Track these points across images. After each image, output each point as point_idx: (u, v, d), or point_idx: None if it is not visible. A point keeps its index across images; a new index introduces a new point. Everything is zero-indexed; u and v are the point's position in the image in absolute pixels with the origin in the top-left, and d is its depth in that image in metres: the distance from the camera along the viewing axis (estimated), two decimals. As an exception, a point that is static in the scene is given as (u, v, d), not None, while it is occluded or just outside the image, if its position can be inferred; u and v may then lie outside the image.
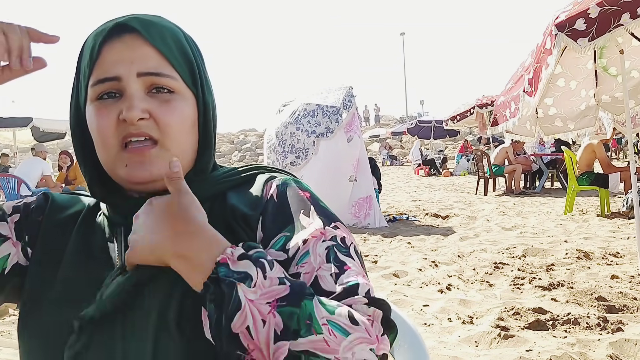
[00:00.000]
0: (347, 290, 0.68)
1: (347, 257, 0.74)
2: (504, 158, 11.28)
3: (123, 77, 0.76)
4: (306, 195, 0.82)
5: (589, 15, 3.47)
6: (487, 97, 12.55)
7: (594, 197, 9.04)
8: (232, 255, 0.65)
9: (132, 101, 0.75)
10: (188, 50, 0.82)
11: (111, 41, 0.77)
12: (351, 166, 7.05)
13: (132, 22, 0.78)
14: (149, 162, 0.77)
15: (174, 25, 0.83)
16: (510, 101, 4.64)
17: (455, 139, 27.82)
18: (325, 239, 0.75)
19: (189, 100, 0.81)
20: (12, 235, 0.84)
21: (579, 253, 4.68)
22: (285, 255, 0.75)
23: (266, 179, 0.85)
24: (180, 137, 0.79)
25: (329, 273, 0.71)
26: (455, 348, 2.69)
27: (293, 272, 0.73)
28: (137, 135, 0.76)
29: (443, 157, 20.89)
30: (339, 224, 0.79)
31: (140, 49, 0.77)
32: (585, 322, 2.92)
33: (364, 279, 0.71)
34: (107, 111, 0.76)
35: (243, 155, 32.29)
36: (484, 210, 8.31)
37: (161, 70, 0.77)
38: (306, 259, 0.73)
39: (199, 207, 0.71)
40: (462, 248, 5.23)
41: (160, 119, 0.77)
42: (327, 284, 0.70)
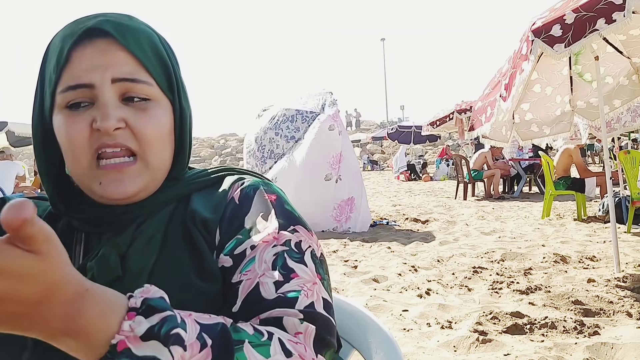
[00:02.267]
0: (283, 301, 0.65)
1: (298, 263, 0.70)
2: (482, 163, 11.39)
3: (96, 84, 0.71)
4: (271, 198, 0.79)
5: (565, 22, 3.51)
6: (466, 102, 12.67)
7: (571, 202, 9.16)
8: (132, 334, 0.49)
9: (107, 109, 0.71)
10: (164, 55, 0.78)
11: (82, 45, 0.72)
12: (327, 164, 6.86)
13: (105, 25, 0.73)
14: (126, 179, 0.73)
15: (148, 28, 0.79)
16: (486, 106, 4.68)
17: (435, 144, 28.04)
18: (277, 244, 0.71)
19: (165, 107, 0.77)
20: None
21: (556, 257, 4.73)
22: (231, 262, 0.72)
23: (233, 182, 0.83)
24: (158, 147, 0.75)
25: (272, 280, 0.67)
26: (434, 353, 2.69)
27: (236, 280, 0.70)
28: (113, 147, 0.72)
29: (423, 162, 21.02)
30: (300, 227, 0.75)
31: (114, 54, 0.72)
32: (562, 326, 2.94)
33: (312, 288, 0.68)
34: (79, 120, 0.72)
35: (224, 160, 32.12)
36: (463, 215, 8.36)
37: (137, 76, 0.73)
38: (250, 266, 0.70)
39: (67, 259, 0.49)
40: (441, 253, 5.25)
41: (137, 128, 0.73)
42: (267, 292, 0.67)
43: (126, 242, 0.75)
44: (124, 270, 0.72)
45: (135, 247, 0.74)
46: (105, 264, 0.72)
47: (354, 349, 1.00)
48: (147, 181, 0.76)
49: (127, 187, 0.73)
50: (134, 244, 0.75)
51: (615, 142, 8.35)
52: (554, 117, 5.63)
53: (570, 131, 5.77)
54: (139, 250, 0.74)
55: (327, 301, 0.69)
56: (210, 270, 0.73)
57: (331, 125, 6.88)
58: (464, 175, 11.37)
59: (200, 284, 0.72)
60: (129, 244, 0.75)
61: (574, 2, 3.60)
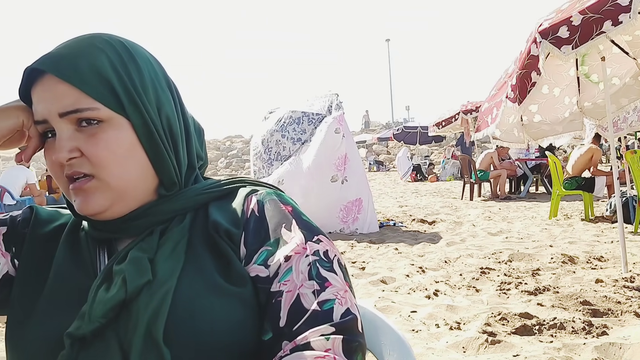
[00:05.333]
0: (320, 316, 0.71)
1: (329, 272, 0.76)
2: (489, 163, 11.38)
3: (48, 119, 0.77)
4: (288, 209, 0.82)
5: (572, 23, 3.53)
6: (472, 103, 12.67)
7: (578, 202, 9.14)
8: None
9: (59, 143, 0.76)
10: (109, 74, 0.78)
11: (35, 83, 0.78)
12: (333, 165, 6.86)
13: (43, 64, 0.77)
14: (90, 197, 0.78)
15: (97, 47, 0.79)
16: (492, 107, 4.69)
17: (441, 145, 28.01)
18: (308, 254, 0.76)
19: (120, 124, 0.78)
20: (0, 246, 0.85)
21: (564, 257, 4.73)
22: (267, 272, 0.76)
23: (247, 193, 0.85)
24: (114, 165, 0.78)
25: (311, 290, 0.73)
26: (443, 354, 2.71)
27: (276, 290, 0.74)
28: (73, 175, 0.77)
29: (429, 162, 20.99)
30: (322, 236, 0.80)
31: (55, 89, 0.76)
32: (570, 327, 2.95)
33: (344, 296, 0.74)
34: (50, 152, 0.79)
35: (229, 162, 32.19)
36: (470, 216, 8.36)
37: (79, 105, 0.76)
38: (289, 276, 0.75)
39: None
40: (448, 253, 5.26)
41: (89, 153, 0.77)
42: (308, 302, 0.72)
43: (153, 247, 0.78)
44: (153, 274, 0.75)
45: (162, 253, 0.77)
46: (138, 267, 0.74)
47: (367, 350, 1.02)
48: (113, 197, 0.79)
49: (91, 204, 0.78)
50: (161, 249, 0.78)
51: (622, 141, 8.33)
52: (562, 118, 5.63)
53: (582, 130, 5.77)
54: (167, 256, 0.77)
55: (356, 305, 0.75)
56: (238, 274, 0.77)
57: (337, 129, 6.90)
58: (470, 176, 11.37)
59: (229, 287, 0.75)
60: (155, 251, 0.78)
61: (580, 4, 3.61)
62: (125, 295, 0.72)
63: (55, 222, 0.89)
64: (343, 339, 0.69)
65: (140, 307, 0.71)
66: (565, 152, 19.30)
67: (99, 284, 0.75)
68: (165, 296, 0.72)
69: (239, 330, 0.73)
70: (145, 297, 0.72)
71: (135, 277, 0.73)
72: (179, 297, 0.73)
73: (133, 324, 0.71)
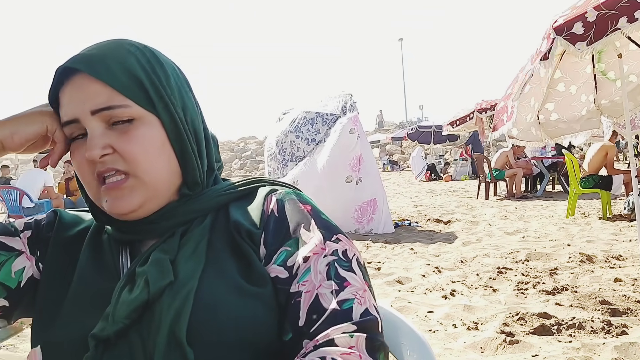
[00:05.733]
0: (339, 315, 0.71)
1: (348, 271, 0.76)
2: (504, 162, 11.29)
3: (80, 118, 0.78)
4: (307, 208, 0.83)
5: (586, 19, 3.49)
6: (487, 101, 12.59)
7: (596, 200, 9.05)
8: None
9: (92, 140, 0.77)
10: (139, 73, 0.80)
11: (64, 84, 0.80)
12: (348, 166, 6.87)
13: (76, 63, 0.79)
14: (125, 196, 0.79)
15: (126, 49, 0.82)
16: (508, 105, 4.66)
17: (455, 144, 27.87)
18: (326, 254, 0.76)
19: (151, 122, 0.80)
20: (26, 250, 0.86)
21: (582, 257, 4.69)
22: (286, 273, 0.77)
23: (267, 193, 0.86)
24: (148, 162, 0.79)
25: (329, 290, 0.73)
26: (460, 354, 2.70)
27: (295, 290, 0.75)
28: (106, 172, 0.78)
29: (445, 161, 20.87)
30: (341, 235, 0.80)
31: (88, 87, 0.78)
32: (589, 326, 2.92)
33: (363, 295, 0.73)
34: (79, 152, 0.80)
35: (243, 163, 32.31)
36: (485, 215, 8.31)
37: (112, 103, 0.77)
38: (307, 277, 0.75)
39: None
40: (464, 253, 5.23)
41: (122, 150, 0.78)
42: (327, 301, 0.72)
43: (174, 248, 0.79)
44: (175, 275, 0.75)
45: (183, 254, 0.78)
46: (160, 269, 0.76)
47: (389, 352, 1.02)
48: (147, 195, 0.80)
49: (127, 202, 0.79)
50: (182, 250, 0.79)
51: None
52: (579, 116, 5.57)
53: (600, 128, 5.71)
54: (188, 257, 0.78)
55: (375, 306, 0.75)
56: (258, 274, 0.77)
57: (352, 129, 6.90)
58: (485, 175, 11.30)
59: (250, 288, 0.76)
60: (176, 251, 0.79)
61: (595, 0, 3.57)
62: (147, 296, 0.73)
63: (78, 225, 0.91)
64: (366, 337, 0.69)
65: (163, 308, 0.72)
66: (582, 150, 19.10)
67: (122, 285, 0.76)
68: (187, 296, 0.72)
69: (260, 330, 0.74)
70: (168, 298, 0.73)
71: (158, 279, 0.74)
72: (200, 298, 0.73)
73: (156, 324, 0.72)
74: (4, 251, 0.84)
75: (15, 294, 0.83)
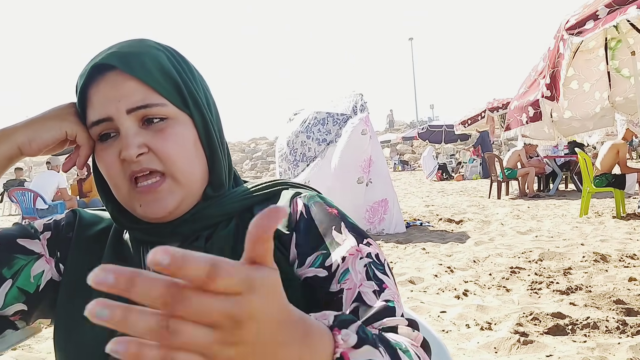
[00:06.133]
0: (389, 310, 0.70)
1: (383, 275, 0.76)
2: (516, 161, 11.22)
3: (114, 116, 0.76)
4: (334, 211, 0.83)
5: (597, 17, 3.48)
6: (498, 100, 12.53)
7: (609, 199, 8.97)
8: (346, 345, 0.52)
9: (127, 139, 0.75)
10: (172, 72, 0.80)
11: (96, 82, 0.77)
12: (359, 167, 6.87)
13: (110, 59, 0.77)
14: (162, 198, 0.78)
15: (155, 48, 0.81)
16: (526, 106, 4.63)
17: (466, 143, 27.75)
18: (362, 256, 0.76)
19: (184, 122, 0.80)
20: (45, 252, 0.86)
21: (595, 256, 4.65)
22: (325, 272, 0.76)
23: (292, 196, 0.86)
24: (183, 161, 0.78)
25: (371, 290, 0.73)
26: (474, 355, 2.69)
27: (336, 289, 0.75)
28: (141, 172, 0.76)
29: (456, 161, 20.79)
30: (370, 240, 0.81)
31: (123, 85, 0.76)
32: (604, 326, 2.90)
33: (398, 300, 0.74)
34: (109, 152, 0.78)
35: (254, 164, 32.37)
36: (497, 214, 8.27)
37: (148, 101, 0.76)
38: (347, 276, 0.75)
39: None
40: (477, 253, 5.21)
41: (158, 149, 0.77)
42: (371, 300, 0.71)
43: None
44: None
45: None
46: None
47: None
48: (182, 195, 0.79)
49: (164, 204, 0.77)
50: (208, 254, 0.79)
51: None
52: (593, 113, 5.53)
53: (614, 125, 5.66)
54: None
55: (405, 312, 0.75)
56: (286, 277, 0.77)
57: (364, 130, 6.90)
58: (497, 174, 11.24)
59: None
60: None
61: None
62: None
63: (98, 224, 0.90)
64: (423, 336, 0.68)
65: None
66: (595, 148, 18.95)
67: None
68: None
69: None
70: None
71: None
72: None
73: None
74: (23, 255, 0.84)
75: (34, 298, 0.83)
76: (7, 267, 0.81)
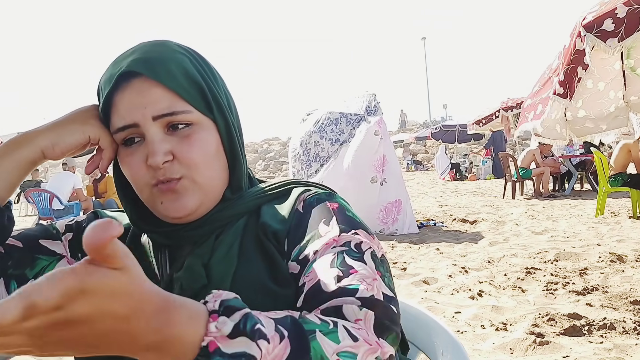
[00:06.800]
0: (344, 292, 0.65)
1: (356, 261, 0.71)
2: (530, 161, 11.14)
3: (140, 123, 0.77)
4: (333, 206, 0.82)
5: (616, 15, 3.44)
6: (513, 99, 12.43)
7: (626, 199, 8.87)
8: (220, 333, 0.49)
9: (154, 146, 0.76)
10: (197, 77, 0.80)
11: (121, 88, 0.78)
12: (372, 167, 6.88)
13: (136, 66, 0.77)
14: (183, 197, 0.78)
15: (179, 52, 0.81)
16: (537, 104, 4.60)
17: (480, 143, 27.59)
18: (336, 246, 0.73)
19: (208, 127, 0.81)
20: (67, 253, 0.87)
21: (612, 256, 4.60)
22: (298, 267, 0.76)
23: (299, 193, 0.86)
24: (206, 167, 0.79)
25: (332, 276, 0.68)
26: (490, 355, 2.67)
27: (301, 283, 0.73)
28: (165, 180, 0.77)
29: (470, 161, 20.67)
30: (361, 230, 0.77)
31: (149, 92, 0.76)
32: (621, 327, 2.87)
33: (372, 283, 0.67)
34: (135, 157, 0.79)
35: (267, 164, 32.43)
36: (512, 214, 8.21)
37: (174, 108, 0.77)
38: (311, 268, 0.72)
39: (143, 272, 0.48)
40: (491, 253, 5.18)
41: (184, 156, 0.78)
42: (326, 286, 0.67)
43: (207, 253, 0.80)
44: (209, 279, 0.77)
45: (216, 257, 0.80)
46: (192, 274, 0.77)
47: (420, 351, 1.03)
48: (201, 197, 0.80)
49: (184, 203, 0.78)
50: (215, 254, 0.80)
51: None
52: (607, 113, 5.47)
53: (628, 126, 5.59)
54: (220, 260, 0.79)
55: (387, 295, 0.68)
56: (284, 276, 0.78)
57: (377, 131, 6.91)
58: (511, 174, 11.16)
59: (277, 289, 0.77)
60: (210, 255, 0.80)
61: (625, -5, 3.51)
62: None
63: None
64: (375, 314, 0.62)
65: None
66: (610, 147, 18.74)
67: None
68: None
69: None
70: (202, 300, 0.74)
71: (191, 283, 0.76)
72: None
73: None
74: (46, 255, 0.85)
75: None
76: (29, 267, 0.83)
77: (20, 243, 0.83)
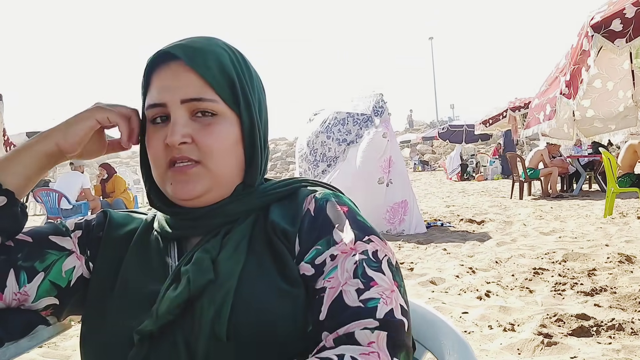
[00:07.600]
0: (363, 311, 0.70)
1: (376, 272, 0.75)
2: (538, 161, 11.09)
3: (168, 103, 0.81)
4: (343, 209, 0.84)
5: (625, 16, 3.42)
6: (520, 99, 12.37)
7: (634, 199, 8.82)
8: None
9: (175, 127, 0.80)
10: (231, 72, 0.84)
11: (160, 68, 0.83)
12: (379, 167, 6.91)
13: (176, 50, 0.82)
14: (191, 181, 0.82)
15: (221, 47, 0.86)
16: (545, 104, 4.58)
17: (487, 143, 27.50)
18: (355, 254, 0.76)
19: (232, 120, 0.84)
20: (76, 249, 0.89)
21: (620, 257, 4.57)
22: (312, 270, 0.78)
23: (307, 193, 0.88)
24: (221, 157, 0.83)
25: (354, 288, 0.72)
26: (497, 356, 2.67)
27: (320, 287, 0.75)
28: (180, 159, 0.81)
29: (477, 161, 20.61)
30: (374, 237, 0.80)
31: (183, 76, 0.82)
32: (630, 328, 2.86)
33: (390, 296, 0.72)
34: (157, 135, 0.83)
35: (274, 164, 32.47)
36: (520, 215, 8.18)
37: (203, 95, 0.81)
38: (333, 274, 0.75)
39: None
40: (499, 254, 5.16)
41: (201, 142, 0.81)
42: (350, 299, 0.72)
43: (216, 248, 0.82)
44: (216, 274, 0.78)
45: (225, 253, 0.81)
46: (200, 268, 0.78)
47: (427, 350, 1.02)
48: (211, 184, 0.83)
49: (192, 187, 0.82)
50: (224, 250, 0.81)
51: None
52: (616, 113, 5.45)
53: (637, 125, 5.56)
54: (228, 256, 0.80)
55: (403, 307, 0.73)
56: (292, 274, 0.79)
57: (385, 134, 6.94)
58: (519, 174, 11.12)
59: (285, 287, 0.78)
60: (218, 250, 0.81)
61: (634, -6, 3.49)
62: (188, 294, 0.75)
63: (128, 225, 0.93)
64: (387, 334, 0.68)
65: (203, 305, 0.75)
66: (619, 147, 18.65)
67: (169, 284, 0.79)
68: (227, 294, 0.75)
69: (295, 328, 0.75)
70: (208, 296, 0.75)
71: (198, 277, 0.77)
72: (240, 296, 0.75)
73: (197, 321, 0.74)
74: (55, 250, 0.87)
75: (66, 292, 0.86)
76: (39, 260, 0.84)
77: (30, 238, 0.86)
